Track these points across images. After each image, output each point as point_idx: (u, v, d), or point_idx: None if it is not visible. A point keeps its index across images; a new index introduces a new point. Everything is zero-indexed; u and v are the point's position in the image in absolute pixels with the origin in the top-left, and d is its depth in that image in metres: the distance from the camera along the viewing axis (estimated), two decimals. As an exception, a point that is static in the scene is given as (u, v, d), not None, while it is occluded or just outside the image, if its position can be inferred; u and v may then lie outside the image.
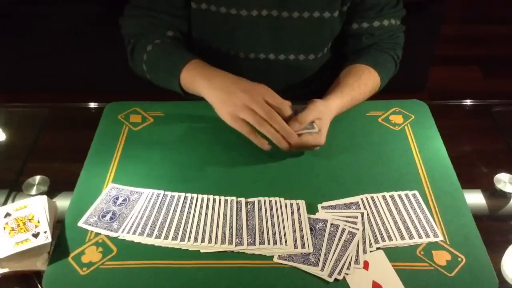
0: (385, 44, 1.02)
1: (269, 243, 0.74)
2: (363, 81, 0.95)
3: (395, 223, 0.78)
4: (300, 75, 1.07)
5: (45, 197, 0.77)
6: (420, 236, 0.76)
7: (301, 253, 0.73)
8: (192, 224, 0.77)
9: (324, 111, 0.86)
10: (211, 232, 0.76)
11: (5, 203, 0.85)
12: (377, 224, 0.78)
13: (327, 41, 1.03)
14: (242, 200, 0.81)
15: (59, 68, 2.21)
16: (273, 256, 0.73)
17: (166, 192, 0.82)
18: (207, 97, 0.87)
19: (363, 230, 0.76)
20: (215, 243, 0.74)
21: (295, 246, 0.74)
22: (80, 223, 0.78)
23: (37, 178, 0.89)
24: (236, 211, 0.79)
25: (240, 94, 0.82)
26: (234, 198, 0.81)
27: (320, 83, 1.08)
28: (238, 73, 0.89)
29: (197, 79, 0.89)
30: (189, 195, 0.82)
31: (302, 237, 0.75)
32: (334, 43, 1.07)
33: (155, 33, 0.98)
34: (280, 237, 0.75)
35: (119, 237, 0.76)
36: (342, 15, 0.98)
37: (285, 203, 0.80)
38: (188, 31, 1.03)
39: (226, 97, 0.84)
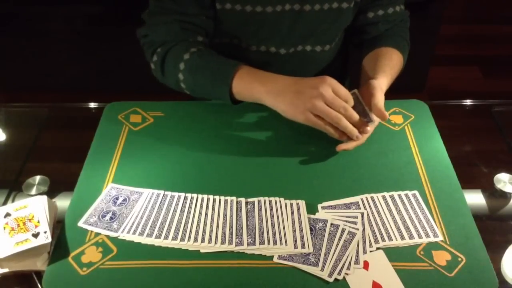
0: (398, 29, 1.06)
1: (269, 243, 0.74)
2: (394, 61, 0.99)
3: (395, 223, 0.78)
4: (314, 65, 1.08)
5: (45, 197, 0.77)
6: (420, 236, 0.76)
7: (301, 253, 0.73)
8: (192, 224, 0.77)
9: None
10: (211, 232, 0.76)
11: (5, 203, 0.85)
12: (377, 224, 0.78)
13: (340, 31, 1.07)
14: (242, 200, 0.81)
15: (59, 68, 2.22)
16: (273, 256, 0.73)
17: (166, 192, 0.83)
18: (271, 102, 0.86)
19: (363, 230, 0.76)
20: (215, 243, 0.74)
21: (295, 246, 0.74)
22: (80, 223, 0.78)
23: (37, 178, 0.89)
24: (236, 211, 0.79)
25: (309, 91, 0.82)
26: (234, 198, 0.81)
27: (330, 72, 1.09)
28: (257, 67, 0.89)
29: (255, 85, 0.87)
30: (189, 195, 0.82)
31: (302, 237, 0.75)
32: (346, 34, 1.10)
33: (187, 39, 0.96)
34: (280, 237, 0.75)
35: (119, 237, 0.76)
36: (356, 5, 1.01)
37: (285, 203, 0.80)
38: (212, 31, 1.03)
39: (295, 97, 0.83)
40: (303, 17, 0.97)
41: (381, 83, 0.90)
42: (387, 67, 0.96)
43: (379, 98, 0.85)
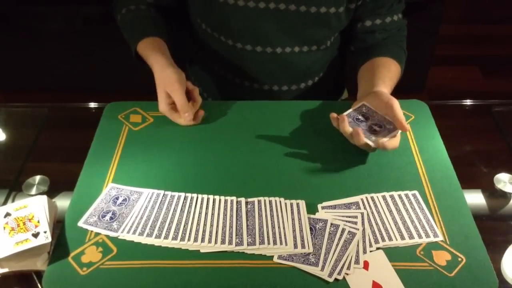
0: (395, 37, 1.06)
1: (269, 243, 0.74)
2: (393, 73, 1.00)
3: (395, 223, 0.78)
4: (304, 67, 1.08)
5: (45, 197, 0.77)
6: (420, 236, 0.76)
7: (301, 253, 0.73)
8: (192, 224, 0.77)
9: None
10: (211, 232, 0.76)
11: (5, 203, 0.85)
12: (377, 224, 0.78)
13: (331, 35, 1.06)
14: (242, 200, 0.81)
15: (60, 68, 2.22)
16: (273, 256, 0.73)
17: (166, 192, 0.83)
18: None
19: (363, 230, 0.76)
20: (215, 243, 0.74)
21: (295, 246, 0.74)
22: (80, 223, 0.78)
23: (37, 178, 0.89)
24: (236, 211, 0.79)
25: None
26: (234, 198, 0.81)
27: (324, 75, 1.09)
28: (245, 66, 0.95)
29: (150, 59, 0.97)
30: (189, 195, 0.82)
31: (302, 237, 0.75)
32: (342, 39, 1.10)
33: None
34: (280, 237, 0.75)
35: (119, 237, 0.76)
36: (348, 11, 1.00)
37: (285, 203, 0.80)
38: (171, 10, 1.08)
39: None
40: (288, 18, 0.97)
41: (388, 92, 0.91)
42: (387, 78, 0.96)
43: (398, 109, 0.86)
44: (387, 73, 0.98)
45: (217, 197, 0.81)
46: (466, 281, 0.70)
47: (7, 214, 0.75)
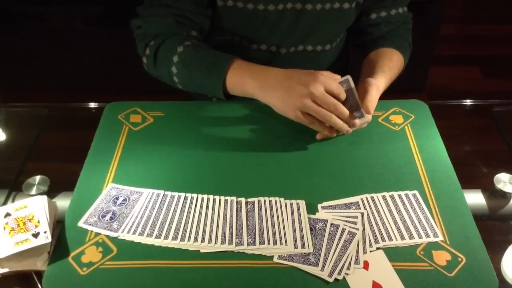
0: (400, 30, 1.07)
1: (269, 243, 0.74)
2: (394, 62, 1.01)
3: (395, 223, 0.78)
4: (315, 65, 1.08)
5: (45, 197, 0.77)
6: (420, 236, 0.76)
7: (301, 253, 0.73)
8: (192, 224, 0.77)
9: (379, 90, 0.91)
10: (211, 232, 0.76)
11: (5, 203, 0.85)
12: (377, 224, 0.78)
13: (342, 31, 1.08)
14: (242, 200, 0.81)
15: (60, 68, 2.21)
16: (273, 256, 0.73)
17: (166, 192, 0.83)
18: (262, 97, 0.87)
19: (363, 230, 0.76)
20: (215, 243, 0.74)
21: (295, 246, 0.74)
22: (80, 223, 0.78)
23: (37, 178, 0.89)
24: (236, 211, 0.79)
25: (299, 88, 0.83)
26: (234, 198, 0.81)
27: (333, 71, 1.10)
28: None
29: (246, 80, 0.88)
30: (189, 195, 0.82)
31: (302, 237, 0.75)
32: (348, 33, 1.11)
33: (182, 33, 0.96)
34: (280, 237, 0.75)
35: (119, 237, 0.76)
36: (358, 6, 1.01)
37: (285, 203, 0.80)
38: (208, 29, 1.02)
39: (286, 95, 0.84)
40: (304, 16, 0.98)
41: (378, 82, 0.91)
42: (386, 67, 0.97)
43: (372, 95, 0.87)
44: (388, 62, 0.99)
45: (217, 197, 0.81)
46: (466, 281, 0.70)
47: (7, 214, 0.75)
